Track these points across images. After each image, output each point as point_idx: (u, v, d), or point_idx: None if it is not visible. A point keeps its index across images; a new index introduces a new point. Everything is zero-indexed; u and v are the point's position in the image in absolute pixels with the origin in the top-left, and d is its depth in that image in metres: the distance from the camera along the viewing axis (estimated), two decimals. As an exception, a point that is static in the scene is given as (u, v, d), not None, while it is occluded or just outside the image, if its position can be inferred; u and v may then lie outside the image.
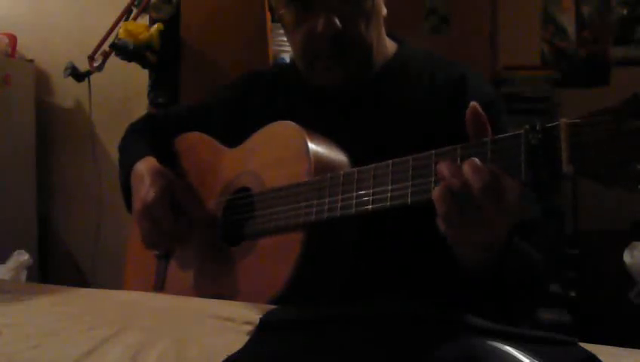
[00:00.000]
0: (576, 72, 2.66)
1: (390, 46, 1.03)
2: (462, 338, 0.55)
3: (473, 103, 0.68)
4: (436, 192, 0.66)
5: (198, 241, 1.01)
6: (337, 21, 0.90)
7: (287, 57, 2.20)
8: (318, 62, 0.96)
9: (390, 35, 1.04)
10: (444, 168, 0.67)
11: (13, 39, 3.02)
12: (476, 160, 0.64)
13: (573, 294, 2.22)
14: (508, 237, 0.73)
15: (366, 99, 0.99)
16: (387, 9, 0.99)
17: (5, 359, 0.61)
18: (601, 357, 0.54)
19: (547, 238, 0.87)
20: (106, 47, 2.44)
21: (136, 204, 0.99)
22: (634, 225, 2.32)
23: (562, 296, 2.18)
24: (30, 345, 0.65)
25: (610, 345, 0.62)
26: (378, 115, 0.98)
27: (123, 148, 1.17)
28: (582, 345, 0.56)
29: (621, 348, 0.63)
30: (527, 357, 0.52)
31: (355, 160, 0.86)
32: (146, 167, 1.02)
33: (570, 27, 2.69)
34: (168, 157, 1.09)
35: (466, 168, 0.65)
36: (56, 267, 3.09)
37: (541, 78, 2.54)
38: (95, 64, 2.48)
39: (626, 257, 2.09)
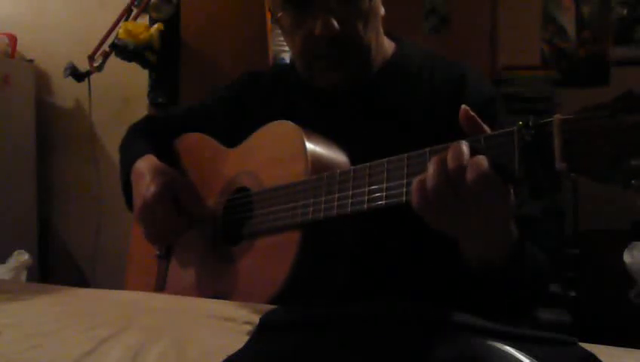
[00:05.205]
0: (576, 72, 2.66)
1: (389, 45, 1.03)
2: (462, 338, 0.55)
3: (464, 107, 0.67)
4: (414, 182, 0.67)
5: (199, 241, 1.01)
6: (335, 23, 0.90)
7: (287, 57, 2.20)
8: (316, 63, 0.96)
9: (388, 35, 1.04)
10: (429, 164, 0.67)
11: (13, 39, 3.02)
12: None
13: (573, 294, 2.22)
14: (513, 242, 0.73)
15: (365, 99, 0.99)
16: (387, 9, 0.99)
17: (5, 359, 0.61)
18: (601, 357, 0.54)
19: (548, 238, 0.87)
20: (106, 47, 2.44)
21: (137, 201, 0.99)
22: (634, 225, 2.31)
23: (562, 296, 2.18)
24: (30, 345, 0.65)
25: (610, 345, 0.62)
26: (378, 114, 0.98)
27: (123, 148, 1.17)
28: (582, 345, 0.56)
29: (621, 348, 0.63)
30: (527, 357, 0.51)
31: (355, 160, 0.86)
32: (146, 164, 1.03)
33: (570, 27, 2.69)
34: (169, 158, 1.09)
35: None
36: (56, 267, 3.08)
37: (541, 78, 2.54)
38: (95, 64, 2.48)
39: (626, 257, 2.09)
